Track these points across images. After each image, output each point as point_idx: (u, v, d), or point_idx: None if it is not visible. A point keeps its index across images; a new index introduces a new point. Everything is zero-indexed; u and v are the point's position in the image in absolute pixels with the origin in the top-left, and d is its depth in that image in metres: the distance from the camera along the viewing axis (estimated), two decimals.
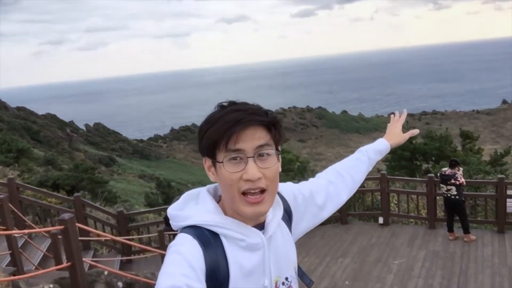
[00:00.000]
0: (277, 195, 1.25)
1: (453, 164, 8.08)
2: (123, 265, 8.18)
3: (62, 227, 3.71)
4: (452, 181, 7.84)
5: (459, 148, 20.95)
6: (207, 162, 1.19)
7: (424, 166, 20.11)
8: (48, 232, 6.16)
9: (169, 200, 20.51)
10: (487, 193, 9.64)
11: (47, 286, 3.89)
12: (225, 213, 1.20)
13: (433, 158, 19.86)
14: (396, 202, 10.09)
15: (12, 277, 4.23)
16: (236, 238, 1.16)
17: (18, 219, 7.42)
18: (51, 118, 61.45)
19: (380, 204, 9.78)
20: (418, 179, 11.15)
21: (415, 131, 1.88)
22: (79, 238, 6.77)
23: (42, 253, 6.95)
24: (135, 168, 50.92)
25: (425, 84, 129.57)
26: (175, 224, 1.22)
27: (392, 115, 1.90)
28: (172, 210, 1.24)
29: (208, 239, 1.14)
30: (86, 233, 7.65)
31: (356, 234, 9.03)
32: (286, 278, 1.28)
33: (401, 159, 20.23)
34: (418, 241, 8.42)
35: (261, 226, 1.22)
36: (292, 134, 69.93)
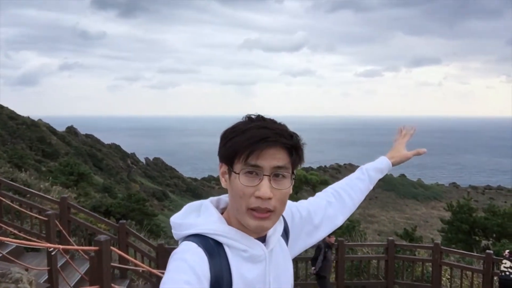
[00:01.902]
0: None
1: None
2: None
3: (96, 248, 3.74)
4: None
5: None
6: (222, 168, 1.20)
7: (484, 242, 18.74)
8: (87, 254, 6.26)
9: None
10: None
11: None
12: (229, 224, 1.20)
13: (494, 235, 18.51)
14: (449, 277, 9.37)
15: None
16: (240, 248, 1.16)
17: (63, 238, 7.63)
18: (115, 148, 64.50)
19: (430, 276, 9.13)
20: (475, 254, 10.34)
21: (422, 150, 1.75)
22: (116, 264, 6.83)
23: (80, 276, 7.04)
24: None
25: (493, 158, 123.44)
26: (177, 233, 1.22)
27: (399, 130, 1.79)
28: (175, 219, 1.24)
29: (213, 248, 1.14)
30: (125, 261, 7.70)
31: None
32: None
33: (458, 232, 19.03)
34: None
35: (262, 239, 1.23)
36: None
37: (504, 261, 7.42)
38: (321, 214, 1.46)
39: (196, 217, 1.22)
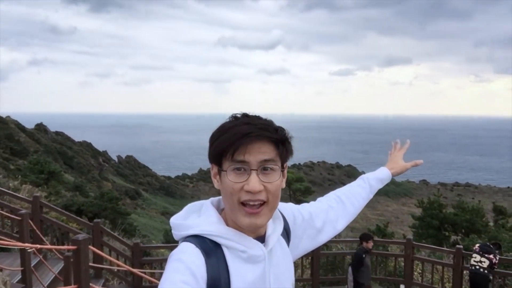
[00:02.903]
0: (278, 211, 1.28)
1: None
2: None
3: (74, 247, 3.69)
4: (491, 256, 7.43)
5: (491, 223, 20.08)
6: (213, 169, 1.21)
7: (453, 237, 19.29)
8: (62, 254, 6.15)
9: None
10: None
11: None
12: (227, 224, 1.20)
13: (463, 230, 19.07)
14: (420, 271, 9.62)
15: None
16: (238, 249, 1.16)
17: (36, 237, 7.47)
18: (86, 146, 63.27)
19: (403, 270, 9.36)
20: (445, 249, 10.65)
21: (419, 162, 1.84)
22: (92, 264, 6.73)
23: (54, 275, 6.92)
24: (159, 204, 51.15)
25: (461, 155, 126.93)
26: (177, 233, 1.22)
27: (394, 143, 1.88)
28: (175, 220, 1.25)
29: (211, 249, 1.15)
30: (100, 260, 7.60)
31: None
32: None
33: (429, 228, 19.53)
34: None
35: (261, 239, 1.23)
36: (319, 188, 68.94)
37: (474, 255, 7.59)
38: (323, 217, 1.47)
39: (197, 217, 1.22)
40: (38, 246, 4.48)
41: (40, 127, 56.83)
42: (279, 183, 1.18)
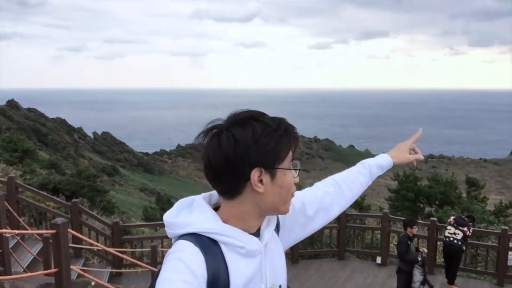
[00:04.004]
0: None
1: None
2: (113, 278, 8.02)
3: (54, 231, 3.64)
4: (465, 228, 7.66)
5: (464, 195, 20.67)
6: (257, 173, 1.14)
7: (427, 209, 19.83)
8: (40, 235, 6.08)
9: None
10: (489, 243, 9.43)
11: None
12: (225, 221, 1.19)
13: (437, 202, 19.58)
14: (396, 243, 9.89)
15: None
16: (236, 245, 1.15)
17: (12, 219, 7.35)
18: (61, 122, 61.94)
19: (379, 243, 9.60)
20: (420, 221, 10.94)
21: (420, 156, 1.81)
22: (71, 245, 6.68)
23: (32, 257, 6.85)
24: (137, 181, 50.85)
25: (436, 128, 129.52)
26: (171, 231, 1.20)
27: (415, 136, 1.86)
28: (168, 218, 1.22)
29: (209, 246, 1.13)
30: (79, 240, 7.54)
31: (352, 272, 8.83)
32: (280, 286, 1.28)
33: (404, 200, 19.98)
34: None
35: (256, 234, 1.23)
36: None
37: (448, 227, 7.81)
38: (316, 205, 1.45)
39: (188, 213, 1.20)
40: (16, 231, 4.41)
41: (12, 104, 55.21)
42: None
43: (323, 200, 1.47)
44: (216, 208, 1.23)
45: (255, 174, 1.13)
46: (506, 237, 8.21)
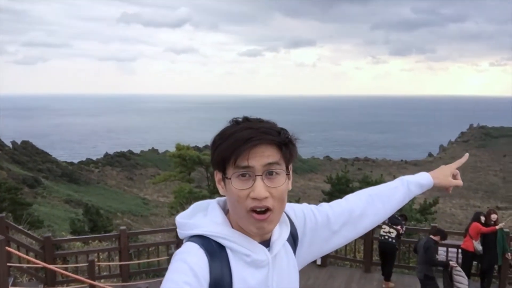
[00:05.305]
0: (285, 215, 1.27)
1: (404, 218, 8.63)
2: None
3: None
4: (399, 227, 8.08)
5: None
6: (217, 176, 1.19)
7: None
8: None
9: (96, 228, 19.39)
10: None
11: None
12: (233, 227, 1.18)
13: None
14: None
15: None
16: (242, 252, 1.15)
17: None
18: None
19: None
20: None
21: (460, 183, 1.64)
22: None
23: None
24: (62, 192, 48.16)
25: (361, 132, 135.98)
26: (182, 232, 1.20)
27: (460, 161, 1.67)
28: (181, 218, 1.22)
29: (215, 250, 1.13)
30: (7, 258, 6.96)
31: None
32: None
33: None
34: (354, 284, 8.50)
35: (266, 244, 1.21)
36: None
37: (383, 226, 8.22)
38: (343, 218, 1.39)
39: (203, 216, 1.20)
40: None
41: None
42: (285, 187, 1.16)
43: (352, 213, 1.40)
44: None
45: (215, 175, 1.19)
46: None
